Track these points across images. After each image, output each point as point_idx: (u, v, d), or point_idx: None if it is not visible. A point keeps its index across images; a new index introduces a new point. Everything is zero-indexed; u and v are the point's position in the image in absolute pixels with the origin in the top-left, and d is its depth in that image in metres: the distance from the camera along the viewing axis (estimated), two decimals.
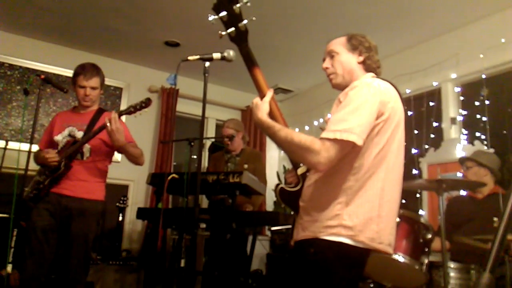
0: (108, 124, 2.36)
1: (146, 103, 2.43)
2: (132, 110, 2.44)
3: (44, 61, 4.44)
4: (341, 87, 1.61)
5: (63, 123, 2.67)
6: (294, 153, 1.46)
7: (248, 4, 1.50)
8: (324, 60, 1.68)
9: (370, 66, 1.61)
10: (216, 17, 1.51)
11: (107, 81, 4.70)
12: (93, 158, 2.60)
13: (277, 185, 1.71)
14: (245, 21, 1.51)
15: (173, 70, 2.11)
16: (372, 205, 1.41)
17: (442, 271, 2.32)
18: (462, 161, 3.01)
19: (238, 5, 1.49)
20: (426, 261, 2.37)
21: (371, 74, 1.61)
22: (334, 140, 1.35)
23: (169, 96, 5.03)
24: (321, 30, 3.84)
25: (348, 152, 1.41)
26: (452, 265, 2.43)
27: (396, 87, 1.57)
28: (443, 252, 2.31)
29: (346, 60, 1.61)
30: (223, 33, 1.52)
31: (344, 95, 1.48)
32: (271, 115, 1.57)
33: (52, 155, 2.48)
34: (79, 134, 2.60)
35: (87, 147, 2.57)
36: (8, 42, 4.30)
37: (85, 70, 2.60)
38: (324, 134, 1.37)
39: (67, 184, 2.52)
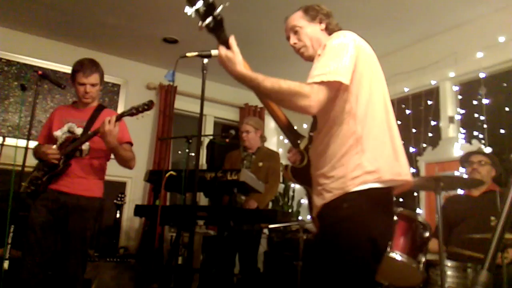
0: (101, 128, 2.37)
1: (149, 105, 2.43)
2: (134, 112, 2.44)
3: (42, 57, 4.42)
4: (313, 58, 1.64)
5: (63, 119, 2.65)
6: (283, 101, 1.45)
7: None
8: (288, 38, 1.73)
9: (332, 30, 1.67)
10: (193, 9, 1.47)
11: (105, 78, 4.69)
12: (92, 155, 2.59)
13: (286, 166, 1.72)
14: (220, 8, 1.48)
15: (171, 67, 2.11)
16: (386, 144, 1.46)
17: (439, 269, 2.33)
18: (474, 155, 2.93)
19: None
20: (423, 259, 2.38)
21: None
22: (321, 83, 1.38)
23: (167, 93, 5.01)
24: None
25: (345, 102, 1.45)
26: (449, 263, 2.44)
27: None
28: (440, 251, 2.32)
29: (311, 31, 1.68)
30: (203, 24, 1.48)
31: (322, 47, 1.52)
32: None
33: (53, 151, 2.48)
34: (79, 131, 2.59)
35: (86, 144, 2.56)
36: (6, 38, 4.27)
37: (84, 67, 2.58)
38: (310, 79, 1.40)
39: (65, 181, 2.52)
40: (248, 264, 3.52)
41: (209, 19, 1.48)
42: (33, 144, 2.73)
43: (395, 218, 2.37)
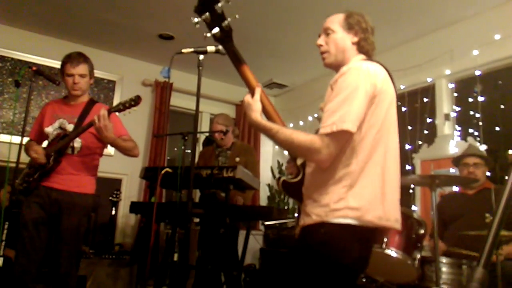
0: (96, 121, 2.32)
1: (136, 101, 2.38)
2: (121, 108, 2.39)
3: (37, 53, 4.39)
4: (333, 67, 1.62)
5: (54, 114, 2.63)
6: (295, 153, 1.51)
7: (230, 2, 1.49)
8: (319, 36, 1.68)
9: (363, 47, 1.61)
10: (199, 19, 1.49)
11: (100, 74, 4.72)
12: (84, 152, 2.57)
13: (279, 178, 1.72)
14: (228, 20, 1.49)
15: (167, 64, 2.10)
16: (375, 185, 1.44)
17: (434, 266, 2.34)
18: (468, 157, 2.92)
19: (219, 4, 1.47)
20: (418, 256, 2.39)
21: (362, 56, 1.60)
22: (332, 134, 1.37)
23: (163, 89, 4.99)
24: (316, 24, 3.81)
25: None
26: (444, 260, 2.45)
27: (386, 67, 1.57)
28: (435, 247, 2.33)
29: (341, 39, 1.61)
30: (208, 34, 1.50)
31: (335, 82, 1.49)
32: (264, 111, 1.58)
33: (37, 156, 2.44)
34: (70, 127, 2.56)
35: (78, 141, 2.53)
36: (0, 34, 4.24)
37: (72, 58, 2.56)
38: (322, 130, 1.40)
39: (57, 178, 2.49)
40: (230, 259, 3.49)
41: (216, 30, 1.49)
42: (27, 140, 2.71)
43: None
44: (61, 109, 2.65)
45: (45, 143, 2.60)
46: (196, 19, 1.50)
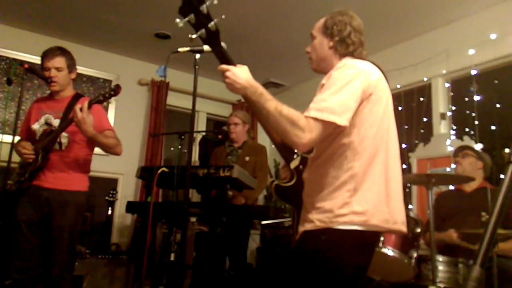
0: (78, 113, 2.25)
1: (115, 90, 2.31)
2: (101, 98, 2.33)
3: (31, 52, 4.34)
4: (318, 72, 1.58)
5: (40, 111, 2.58)
6: (279, 126, 1.36)
7: (215, 2, 1.42)
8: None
9: (345, 50, 1.54)
10: (184, 20, 1.43)
11: (96, 73, 4.70)
12: (72, 147, 2.51)
13: (272, 181, 1.68)
14: (214, 21, 1.43)
15: (163, 63, 2.09)
16: (379, 186, 1.40)
17: (430, 264, 2.35)
18: (460, 149, 3.00)
19: (205, 5, 1.41)
20: (415, 255, 2.40)
21: (349, 58, 1.53)
22: (316, 120, 1.32)
23: (160, 89, 4.98)
24: (313, 24, 3.82)
25: (346, 135, 1.39)
26: (440, 258, 2.46)
27: (379, 66, 1.53)
28: (431, 246, 2.34)
29: (319, 44, 1.58)
30: (194, 36, 1.44)
31: (328, 76, 1.45)
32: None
33: (27, 152, 2.40)
34: (56, 122, 2.51)
35: (64, 136, 2.47)
36: None
37: (48, 51, 2.51)
38: (306, 112, 1.35)
39: (47, 176, 2.45)
40: (238, 260, 3.51)
41: (201, 31, 1.43)
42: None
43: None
44: (46, 105, 2.60)
45: (28, 145, 2.51)
46: (179, 21, 1.43)
